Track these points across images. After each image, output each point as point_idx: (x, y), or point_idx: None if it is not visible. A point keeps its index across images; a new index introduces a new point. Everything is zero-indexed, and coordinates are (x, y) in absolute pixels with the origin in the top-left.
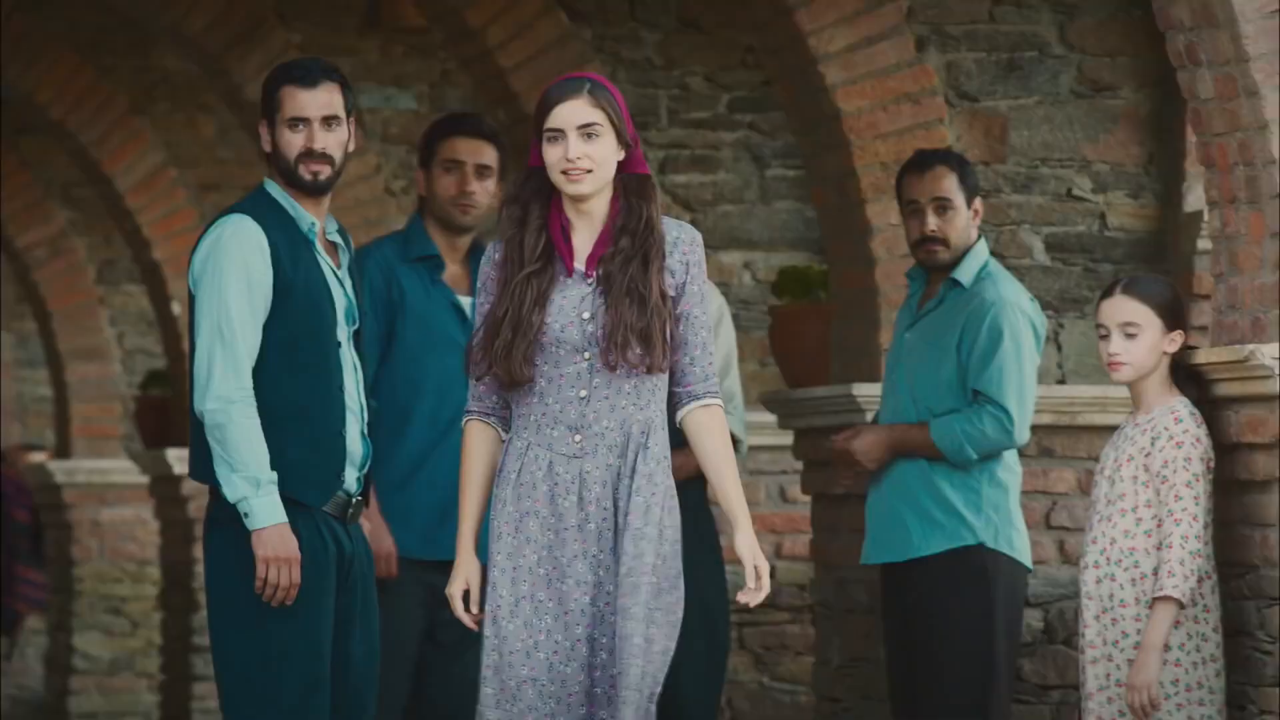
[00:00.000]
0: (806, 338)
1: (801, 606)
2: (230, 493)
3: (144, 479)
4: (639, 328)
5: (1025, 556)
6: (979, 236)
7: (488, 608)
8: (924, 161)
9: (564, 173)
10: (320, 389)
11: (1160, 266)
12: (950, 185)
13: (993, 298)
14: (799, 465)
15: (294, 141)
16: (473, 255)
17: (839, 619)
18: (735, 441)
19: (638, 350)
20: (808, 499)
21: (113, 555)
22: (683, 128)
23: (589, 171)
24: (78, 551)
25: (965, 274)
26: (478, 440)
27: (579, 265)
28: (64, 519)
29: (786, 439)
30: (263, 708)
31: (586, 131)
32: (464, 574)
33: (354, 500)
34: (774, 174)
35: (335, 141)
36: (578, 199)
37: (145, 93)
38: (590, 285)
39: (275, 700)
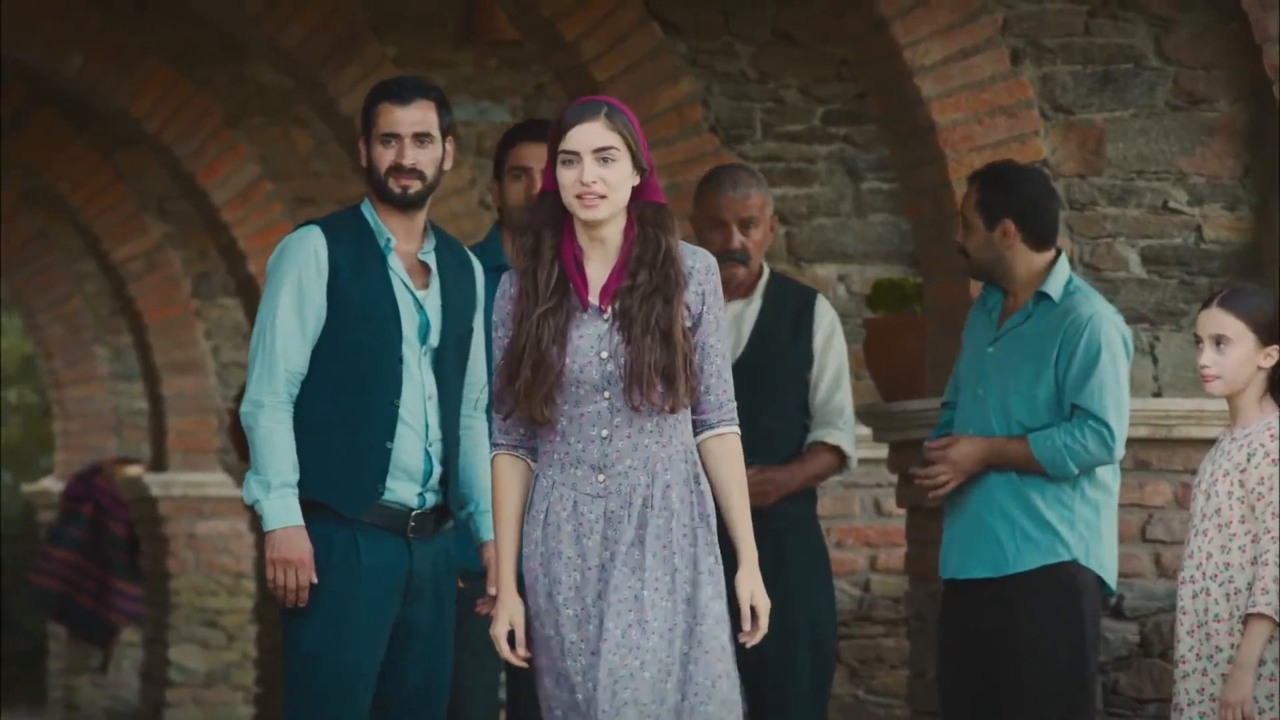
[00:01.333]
0: (901, 351)
1: (897, 620)
2: (246, 494)
3: (239, 492)
4: (662, 367)
5: (1112, 577)
6: (1058, 252)
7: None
8: (972, 178)
9: (578, 197)
10: (368, 402)
11: (1257, 279)
12: (969, 203)
13: (1088, 312)
14: (894, 478)
15: (385, 156)
16: None
17: (934, 632)
18: (844, 457)
19: (660, 390)
20: (902, 512)
21: (208, 568)
22: (777, 141)
23: (603, 197)
24: (173, 564)
25: (1054, 288)
26: (508, 475)
27: (594, 299)
28: (159, 532)
29: (881, 452)
30: (294, 711)
31: (602, 155)
32: (507, 613)
33: (414, 515)
34: (869, 187)
35: (427, 158)
36: (591, 225)
37: (241, 106)
38: (607, 321)
39: (301, 705)
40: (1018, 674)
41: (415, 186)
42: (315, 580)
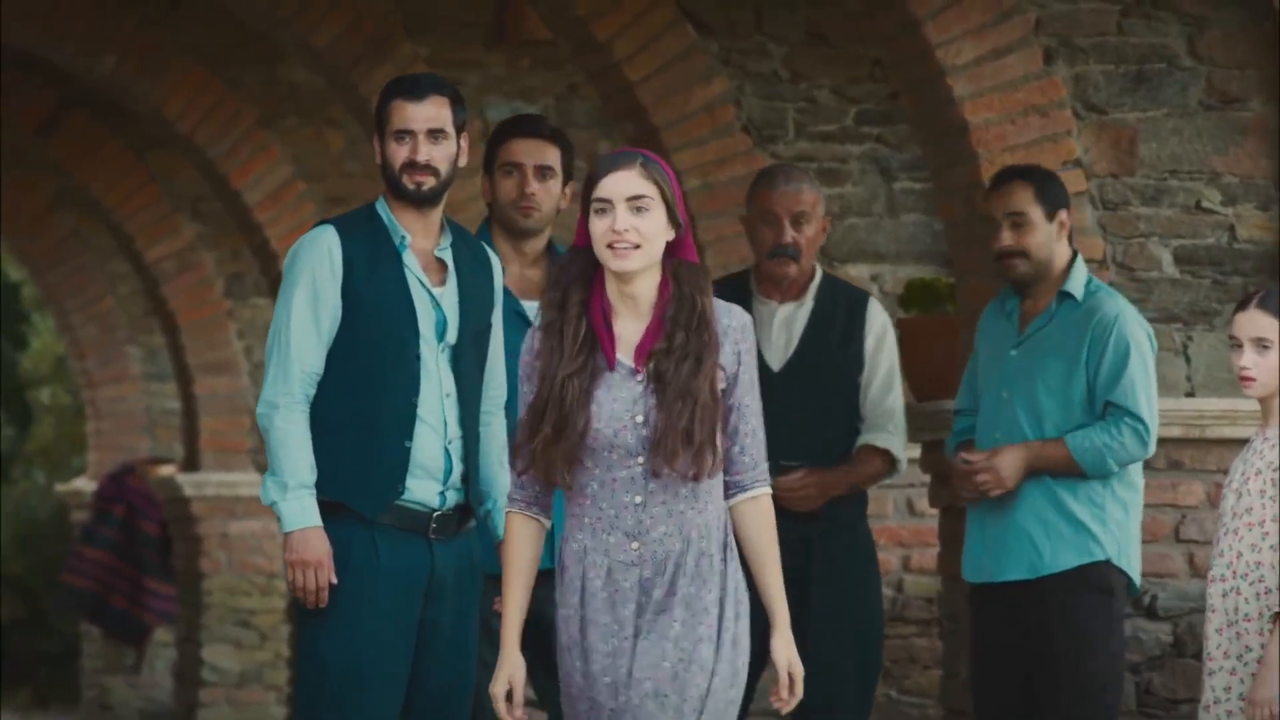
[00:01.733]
0: (934, 350)
1: (929, 620)
2: (264, 496)
3: None
4: (689, 434)
5: (1138, 577)
6: (1075, 252)
7: (566, 712)
8: (1000, 179)
9: (609, 246)
10: (386, 400)
11: None
12: (1024, 199)
13: (1114, 310)
14: (926, 478)
15: (399, 153)
16: (549, 257)
17: (966, 633)
18: (893, 461)
19: (684, 459)
20: (935, 512)
21: (241, 568)
22: (809, 140)
23: (636, 247)
24: (206, 564)
25: (1075, 287)
26: (520, 535)
27: (623, 358)
28: (192, 532)
29: (914, 452)
30: (309, 713)
31: (636, 204)
32: (507, 672)
33: (435, 515)
34: (901, 187)
35: (441, 154)
36: (623, 279)
37: (273, 106)
38: (640, 383)
39: (317, 711)
40: (1054, 674)
41: (430, 183)
42: (335, 581)
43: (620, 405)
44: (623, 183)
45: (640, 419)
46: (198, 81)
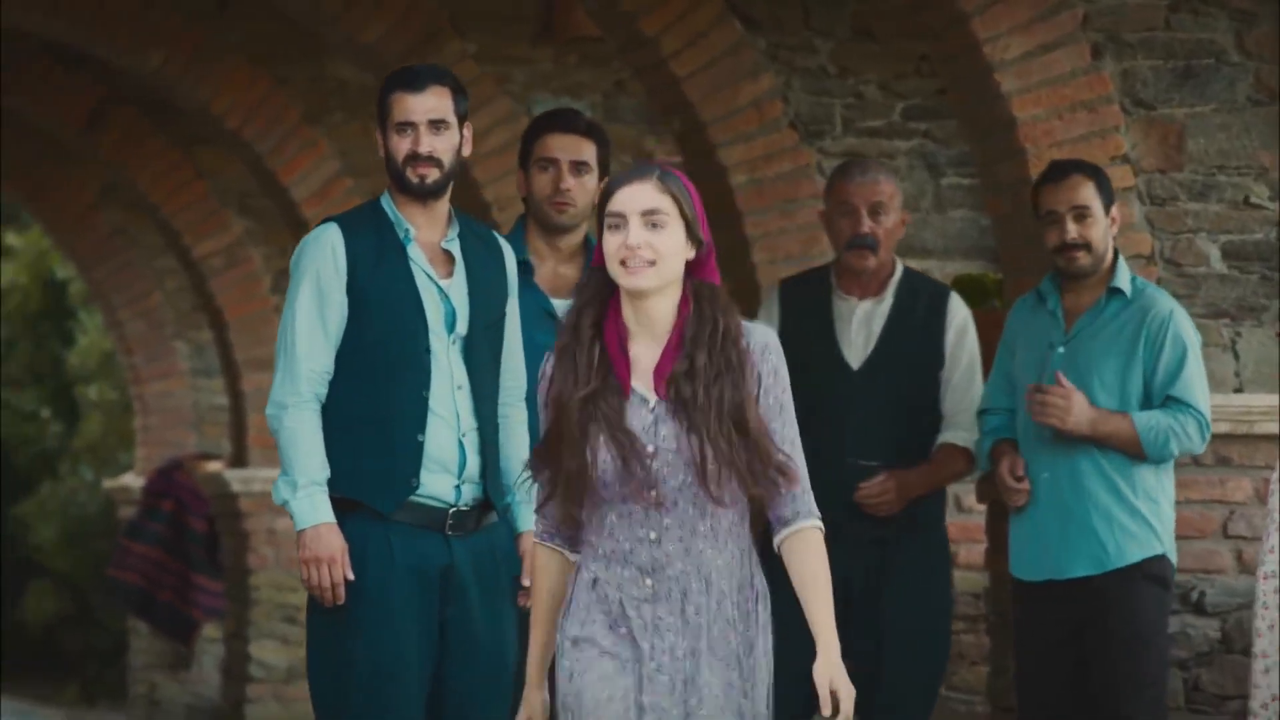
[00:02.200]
0: (981, 345)
1: (976, 616)
2: (275, 496)
3: None
4: (739, 458)
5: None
6: (1115, 248)
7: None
8: (1061, 171)
9: (622, 263)
10: (397, 394)
11: None
12: (1088, 193)
13: (1167, 305)
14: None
15: (401, 145)
16: (585, 254)
17: (1014, 629)
18: (973, 459)
19: (727, 485)
20: (983, 508)
21: (288, 564)
22: (857, 136)
23: (651, 264)
24: (253, 560)
25: (1124, 282)
26: (543, 569)
27: (638, 385)
28: (240, 527)
29: None
30: (330, 714)
31: (651, 219)
32: (529, 709)
33: (451, 510)
34: (949, 182)
35: (444, 145)
36: (638, 298)
37: (320, 102)
38: (654, 411)
39: (336, 709)
40: (1110, 669)
41: (433, 175)
42: (351, 576)
43: (630, 435)
44: (637, 196)
45: (652, 448)
46: (245, 77)
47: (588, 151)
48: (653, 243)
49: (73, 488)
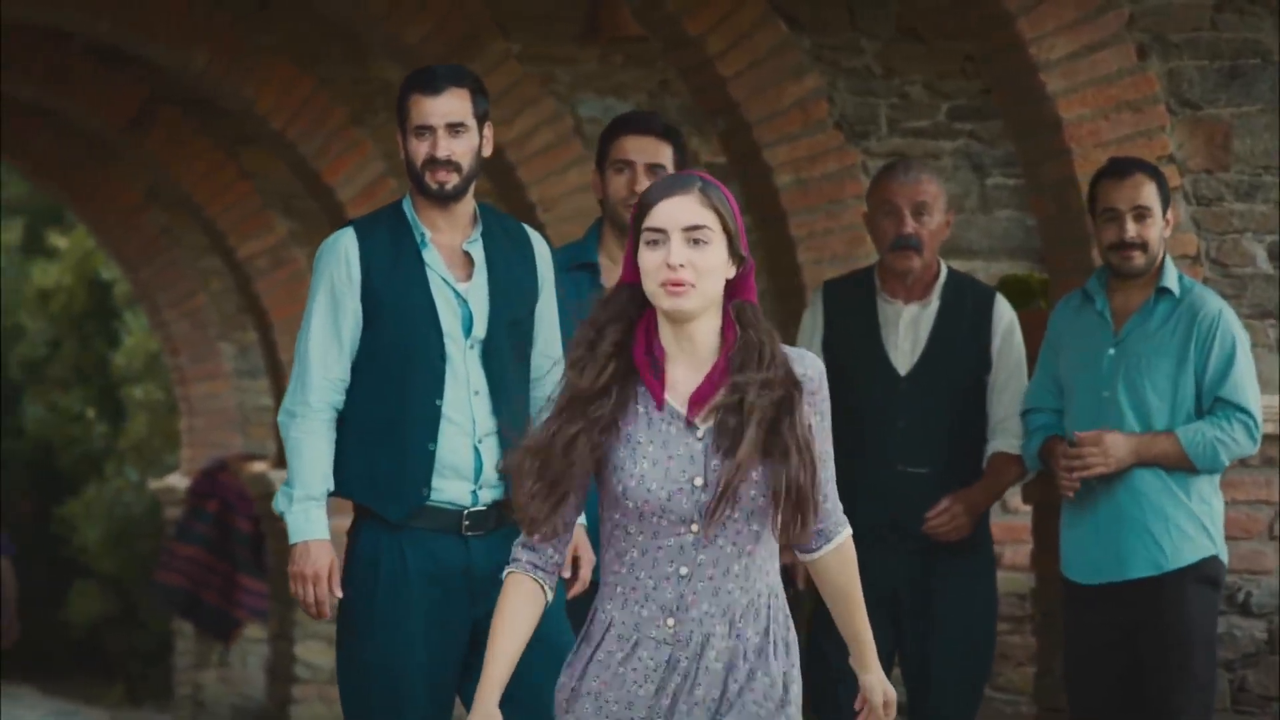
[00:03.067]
0: (1028, 346)
1: (1022, 617)
2: (274, 505)
3: None
4: (799, 489)
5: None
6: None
7: None
8: (1124, 169)
9: (663, 284)
10: (409, 403)
11: None
12: (1150, 193)
13: (1217, 306)
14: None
15: (419, 149)
16: None
17: (1061, 629)
18: (1024, 462)
19: (804, 521)
20: (1028, 509)
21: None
22: (902, 136)
23: (692, 285)
24: None
25: (1172, 282)
26: (516, 599)
27: (674, 401)
28: (285, 528)
29: None
30: (355, 717)
31: (693, 236)
32: None
33: (468, 512)
34: (994, 183)
35: (462, 148)
36: (677, 319)
37: (365, 103)
38: (702, 440)
39: (361, 713)
40: (1163, 669)
41: (452, 180)
42: (339, 594)
43: (677, 465)
44: (679, 210)
45: (700, 481)
46: (289, 78)
47: (664, 154)
48: (695, 261)
49: (118, 488)
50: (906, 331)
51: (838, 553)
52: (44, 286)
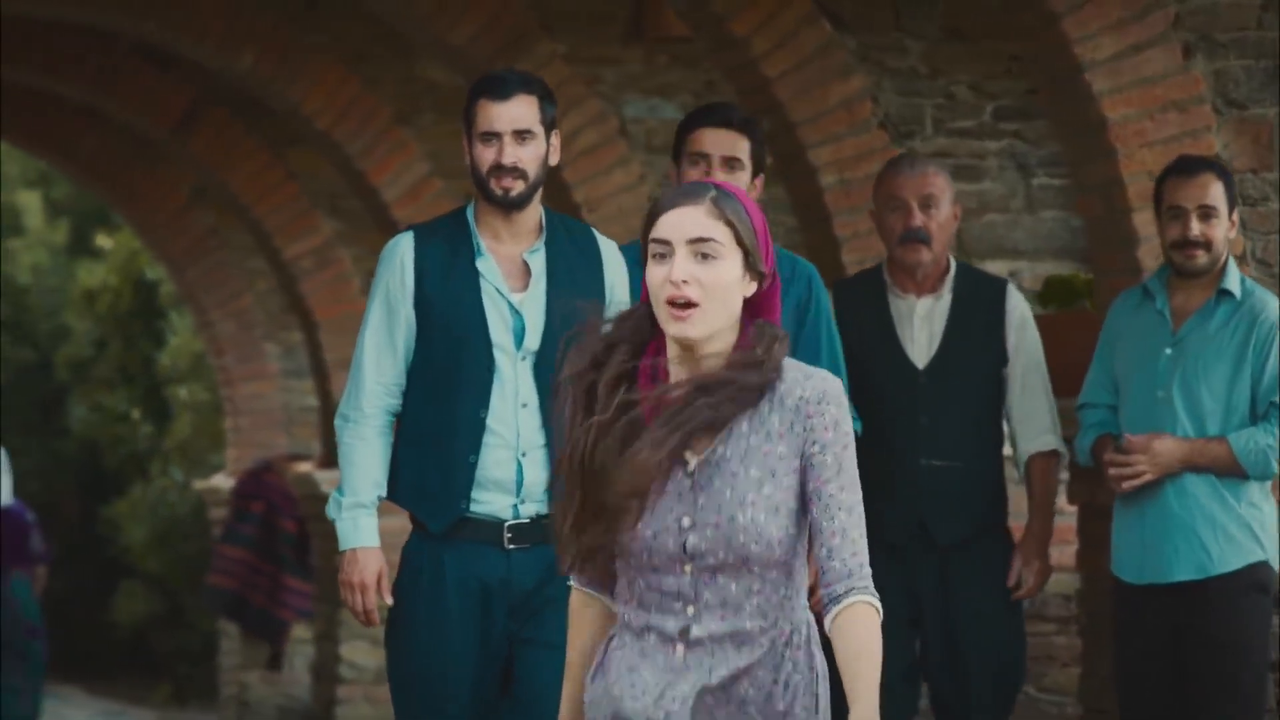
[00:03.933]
0: (1072, 347)
1: (1068, 618)
2: (327, 510)
3: None
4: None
5: None
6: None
7: None
8: (1192, 167)
9: (668, 302)
10: (455, 414)
11: None
12: (1217, 193)
13: (1276, 307)
14: (1064, 475)
15: (486, 155)
16: None
17: (1107, 630)
18: (1059, 455)
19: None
20: (1074, 509)
21: None
22: (947, 137)
23: (696, 305)
24: None
25: (1234, 283)
26: (579, 621)
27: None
28: (330, 529)
29: None
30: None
31: (701, 249)
32: None
33: (508, 525)
34: (1039, 183)
35: (529, 155)
36: (684, 344)
37: (411, 104)
38: (690, 476)
39: (404, 716)
40: (1212, 674)
41: (518, 188)
42: (390, 601)
43: (664, 503)
44: (686, 221)
45: (688, 521)
46: (335, 78)
47: (741, 148)
48: (700, 277)
49: (163, 489)
50: (921, 325)
51: (849, 616)
52: (90, 287)
